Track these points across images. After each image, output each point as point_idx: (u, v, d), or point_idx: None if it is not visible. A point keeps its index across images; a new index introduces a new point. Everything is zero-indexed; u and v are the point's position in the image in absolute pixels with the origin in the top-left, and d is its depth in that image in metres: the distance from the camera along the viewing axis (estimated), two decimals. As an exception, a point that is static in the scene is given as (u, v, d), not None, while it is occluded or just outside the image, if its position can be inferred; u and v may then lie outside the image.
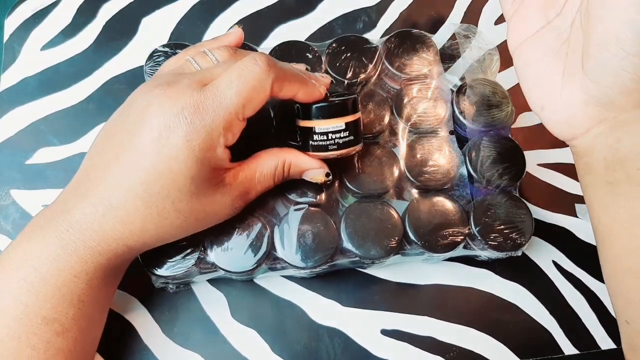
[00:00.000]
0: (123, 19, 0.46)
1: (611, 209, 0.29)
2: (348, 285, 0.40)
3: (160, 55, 0.39)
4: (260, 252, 0.34)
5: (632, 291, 0.29)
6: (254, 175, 0.32)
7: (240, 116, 0.29)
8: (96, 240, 0.29)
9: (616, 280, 0.30)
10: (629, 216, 0.28)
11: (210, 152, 0.29)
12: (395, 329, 0.39)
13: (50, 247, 0.29)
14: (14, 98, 0.43)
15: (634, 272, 0.28)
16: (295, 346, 0.38)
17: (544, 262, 0.41)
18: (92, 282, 0.30)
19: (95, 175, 0.29)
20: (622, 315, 0.30)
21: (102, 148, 0.30)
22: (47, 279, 0.29)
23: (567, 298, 0.40)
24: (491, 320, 0.39)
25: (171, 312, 0.38)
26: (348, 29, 0.47)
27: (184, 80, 0.29)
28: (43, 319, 0.29)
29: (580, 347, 0.39)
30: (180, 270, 0.34)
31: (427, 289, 0.40)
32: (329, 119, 0.32)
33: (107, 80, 0.44)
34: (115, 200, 0.29)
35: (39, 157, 0.42)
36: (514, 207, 0.37)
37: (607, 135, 0.28)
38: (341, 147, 0.33)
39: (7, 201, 0.40)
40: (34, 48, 0.45)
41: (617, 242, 0.29)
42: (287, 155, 0.33)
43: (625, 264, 0.29)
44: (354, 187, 0.37)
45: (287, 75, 0.30)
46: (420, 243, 0.36)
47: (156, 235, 0.30)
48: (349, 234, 0.35)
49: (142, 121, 0.28)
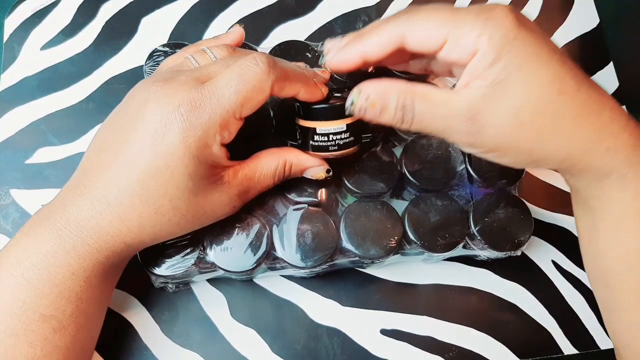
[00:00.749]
0: (123, 18, 0.46)
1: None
2: (347, 285, 0.40)
3: (160, 54, 0.39)
4: (260, 252, 0.35)
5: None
6: (253, 174, 0.32)
7: (238, 115, 0.29)
8: (93, 238, 0.29)
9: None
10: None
11: (207, 149, 0.29)
12: (395, 329, 0.39)
13: (48, 244, 0.29)
14: (14, 98, 0.43)
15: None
16: (295, 346, 0.38)
17: (544, 261, 0.41)
18: (90, 279, 0.30)
19: (93, 173, 0.29)
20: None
21: (100, 145, 0.30)
22: (45, 276, 0.29)
23: (567, 298, 0.40)
24: (491, 320, 0.39)
25: (170, 312, 0.38)
26: (348, 29, 0.47)
27: (181, 77, 0.29)
28: (40, 316, 0.29)
29: (579, 346, 0.39)
30: (180, 270, 0.34)
31: (427, 288, 0.40)
32: (331, 121, 0.32)
33: (107, 80, 0.44)
34: (113, 198, 0.29)
35: (38, 156, 0.42)
36: (514, 206, 0.37)
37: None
38: (341, 148, 0.33)
39: (7, 201, 0.40)
40: (33, 48, 0.45)
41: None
42: (288, 155, 0.33)
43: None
44: (353, 187, 0.37)
45: (288, 76, 0.30)
46: (420, 243, 0.36)
47: (153, 233, 0.30)
48: (348, 233, 0.35)
49: (139, 118, 0.28)
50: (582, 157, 0.28)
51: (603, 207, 0.30)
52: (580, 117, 0.27)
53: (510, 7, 0.28)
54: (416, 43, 0.28)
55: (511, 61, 0.27)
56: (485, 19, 0.27)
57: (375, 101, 0.29)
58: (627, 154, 0.28)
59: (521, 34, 0.27)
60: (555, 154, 0.28)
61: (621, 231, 0.30)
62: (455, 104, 0.28)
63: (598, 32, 0.48)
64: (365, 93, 0.29)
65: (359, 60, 0.30)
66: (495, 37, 0.26)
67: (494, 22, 0.27)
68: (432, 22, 0.28)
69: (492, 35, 0.26)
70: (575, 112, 0.27)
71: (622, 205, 0.29)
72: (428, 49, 0.28)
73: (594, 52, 0.47)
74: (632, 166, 0.28)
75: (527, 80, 0.27)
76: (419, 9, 0.29)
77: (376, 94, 0.29)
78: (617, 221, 0.30)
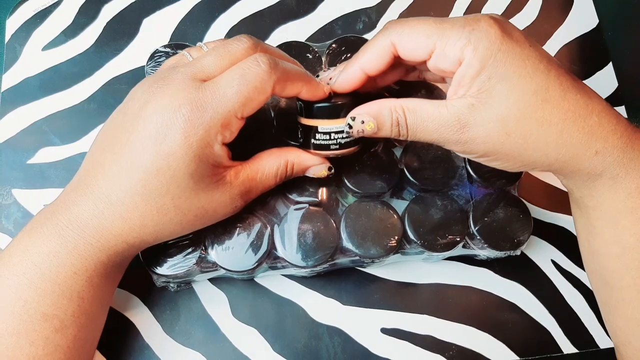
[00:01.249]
0: (124, 19, 0.46)
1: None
2: (348, 284, 0.40)
3: (162, 55, 0.39)
4: (261, 251, 0.35)
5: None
6: (255, 174, 0.32)
7: (239, 115, 0.29)
8: (95, 237, 0.29)
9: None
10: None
11: (208, 148, 0.29)
12: (395, 328, 0.39)
13: (50, 243, 0.29)
14: (16, 98, 0.43)
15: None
16: (296, 345, 0.38)
17: (543, 261, 0.41)
18: (92, 279, 0.30)
19: (95, 173, 0.30)
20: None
21: (102, 145, 0.30)
22: (47, 275, 0.29)
23: (566, 297, 0.40)
24: (490, 319, 0.39)
25: (172, 311, 0.38)
26: (348, 30, 0.47)
27: (177, 76, 0.29)
28: (42, 315, 0.29)
29: (579, 345, 0.39)
30: (181, 270, 0.34)
31: (427, 287, 0.40)
32: (333, 119, 0.32)
33: (109, 81, 0.44)
34: (115, 197, 0.29)
35: (40, 156, 0.42)
36: (513, 206, 0.37)
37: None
38: (343, 147, 0.33)
39: (9, 201, 0.41)
40: (35, 48, 0.45)
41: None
42: (289, 155, 0.33)
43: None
44: (354, 187, 0.37)
45: (289, 76, 0.30)
46: (420, 242, 0.36)
47: (155, 232, 0.30)
48: (349, 233, 0.36)
49: (140, 118, 0.29)
50: (571, 160, 0.29)
51: (597, 206, 0.31)
52: (566, 123, 0.28)
53: (496, 17, 0.29)
54: (406, 52, 0.30)
55: (495, 72, 0.28)
56: (471, 30, 0.28)
57: (370, 123, 0.31)
58: (617, 156, 0.29)
59: (505, 45, 0.28)
60: (543, 159, 0.29)
61: (616, 229, 0.30)
62: (444, 117, 0.29)
63: (597, 32, 0.48)
64: (360, 118, 0.31)
65: (361, 75, 0.32)
66: (480, 49, 0.28)
67: (479, 33, 0.28)
68: (418, 33, 0.29)
69: (477, 46, 0.28)
70: (561, 119, 0.28)
71: (616, 205, 0.30)
72: (417, 57, 0.30)
73: (593, 52, 0.47)
74: (623, 167, 0.29)
75: (511, 90, 0.28)
76: (407, 20, 0.30)
77: (370, 117, 0.31)
78: (612, 220, 0.30)
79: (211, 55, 0.30)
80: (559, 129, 0.28)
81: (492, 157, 0.30)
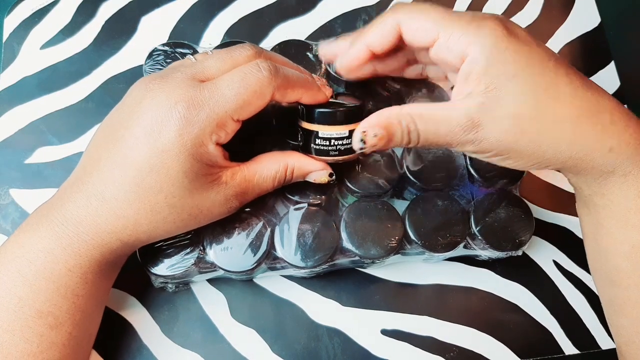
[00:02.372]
0: (122, 18, 0.46)
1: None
2: (348, 285, 0.39)
3: (160, 54, 0.39)
4: (260, 252, 0.34)
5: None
6: (253, 176, 0.32)
7: (236, 117, 0.29)
8: (90, 234, 0.29)
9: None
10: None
11: (202, 147, 0.29)
12: (395, 329, 0.39)
13: (45, 240, 0.29)
14: (13, 97, 0.43)
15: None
16: (295, 346, 0.38)
17: (545, 261, 0.41)
18: (87, 276, 0.30)
19: (91, 169, 0.30)
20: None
21: (98, 143, 0.31)
22: (42, 272, 0.29)
23: (568, 297, 0.40)
24: (491, 320, 0.39)
25: (170, 312, 0.38)
26: (348, 28, 0.47)
27: (177, 75, 0.29)
28: (37, 312, 0.29)
29: (580, 346, 0.39)
30: (180, 270, 0.34)
31: (427, 288, 0.40)
32: (333, 126, 0.32)
33: (107, 80, 0.44)
34: (109, 194, 0.29)
35: (38, 156, 0.41)
36: (515, 206, 0.37)
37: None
38: (342, 154, 0.33)
39: (6, 200, 0.40)
40: (33, 47, 0.44)
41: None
42: (290, 159, 0.33)
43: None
44: (354, 187, 0.36)
45: (289, 83, 0.30)
46: (421, 243, 0.36)
47: (149, 231, 0.30)
48: (349, 233, 0.35)
49: (136, 115, 0.29)
50: (585, 157, 0.29)
51: (607, 204, 0.30)
52: (579, 120, 0.28)
53: (502, 17, 0.29)
54: (409, 34, 0.30)
55: (504, 70, 0.28)
56: (477, 27, 0.28)
57: (382, 135, 0.30)
58: (630, 153, 0.29)
59: (512, 43, 0.28)
60: (557, 156, 0.29)
61: (626, 228, 0.30)
62: (454, 118, 0.29)
63: (599, 31, 0.48)
64: (372, 131, 0.30)
65: (366, 52, 0.32)
66: (486, 46, 0.28)
67: (485, 30, 0.28)
68: (426, 18, 0.29)
69: (483, 43, 0.28)
70: (574, 116, 0.28)
71: (626, 202, 0.30)
72: (419, 42, 0.30)
73: (595, 51, 0.47)
74: (636, 164, 0.29)
75: (523, 88, 0.28)
76: (417, 4, 0.30)
77: (381, 128, 0.30)
78: (621, 218, 0.30)
79: (213, 58, 0.30)
80: (572, 126, 0.28)
81: (505, 155, 0.30)
